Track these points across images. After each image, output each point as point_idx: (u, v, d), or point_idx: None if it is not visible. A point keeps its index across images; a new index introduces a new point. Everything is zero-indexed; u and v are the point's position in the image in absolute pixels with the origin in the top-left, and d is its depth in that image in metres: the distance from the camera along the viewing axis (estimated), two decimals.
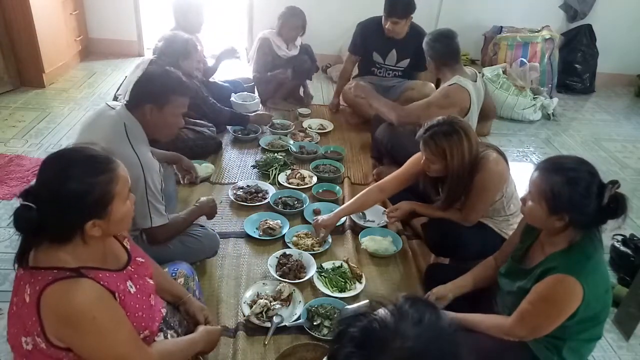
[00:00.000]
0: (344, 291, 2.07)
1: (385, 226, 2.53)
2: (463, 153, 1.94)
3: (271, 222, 2.43)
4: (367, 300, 1.98)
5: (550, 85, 4.65)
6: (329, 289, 2.07)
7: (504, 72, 4.36)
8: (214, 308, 1.94)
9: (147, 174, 1.76)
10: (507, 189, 2.04)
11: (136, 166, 1.72)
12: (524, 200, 1.51)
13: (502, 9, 4.91)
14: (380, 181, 2.36)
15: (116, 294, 1.21)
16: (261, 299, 1.96)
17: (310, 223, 2.49)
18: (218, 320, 1.89)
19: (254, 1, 4.79)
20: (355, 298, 2.05)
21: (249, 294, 2.01)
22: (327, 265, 2.20)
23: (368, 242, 2.37)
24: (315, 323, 1.87)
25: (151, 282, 1.38)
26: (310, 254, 2.24)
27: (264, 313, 1.91)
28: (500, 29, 4.76)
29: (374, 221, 2.57)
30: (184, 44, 2.77)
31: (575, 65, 4.98)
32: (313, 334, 1.83)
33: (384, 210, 2.46)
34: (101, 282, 1.18)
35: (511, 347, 1.50)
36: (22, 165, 2.85)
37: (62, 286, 1.13)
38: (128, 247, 1.39)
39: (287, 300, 1.98)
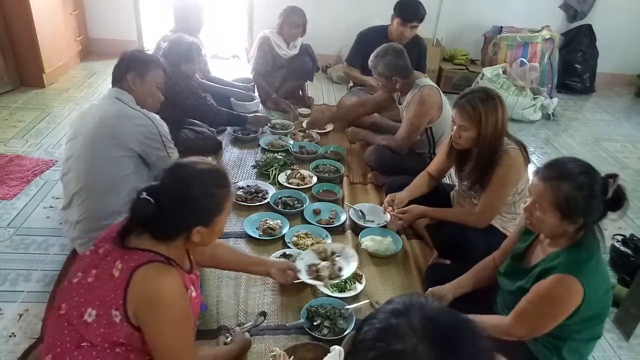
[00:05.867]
0: (344, 291, 2.06)
1: (385, 226, 2.53)
2: (497, 120, 1.93)
3: (271, 222, 2.42)
4: (367, 300, 2.00)
5: (550, 85, 4.66)
6: (329, 289, 2.07)
7: (504, 72, 4.36)
8: (213, 308, 1.94)
9: (159, 127, 2.04)
10: (522, 186, 2.03)
11: (145, 120, 1.99)
12: (528, 210, 1.46)
13: (502, 9, 4.91)
14: (429, 166, 2.41)
15: (188, 291, 1.33)
16: (319, 265, 1.97)
17: (310, 223, 2.49)
18: (218, 321, 1.89)
19: (254, 1, 4.80)
20: (355, 298, 2.05)
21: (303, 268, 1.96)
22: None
23: (368, 242, 2.37)
24: (315, 323, 1.86)
25: (200, 296, 1.51)
26: None
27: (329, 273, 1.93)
28: (500, 29, 4.77)
29: (373, 221, 2.57)
30: (187, 47, 2.78)
31: (575, 65, 4.98)
32: (313, 334, 1.83)
33: (386, 208, 2.41)
34: (182, 276, 1.31)
35: (510, 347, 1.50)
36: (22, 165, 2.85)
37: (156, 268, 1.24)
38: (192, 258, 1.51)
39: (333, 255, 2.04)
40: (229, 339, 1.67)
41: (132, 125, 1.97)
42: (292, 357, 1.66)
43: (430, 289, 1.80)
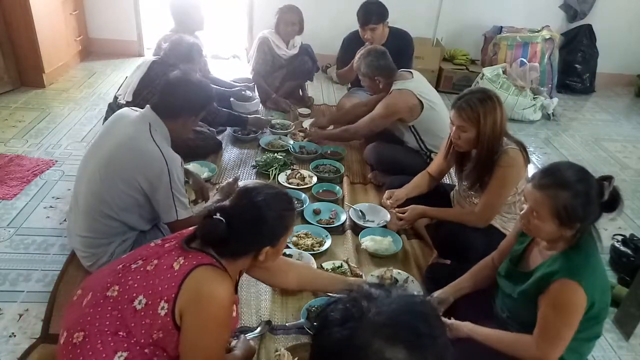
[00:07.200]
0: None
1: (385, 226, 2.53)
2: (495, 120, 1.94)
3: None
4: None
5: (550, 85, 4.65)
6: None
7: (504, 72, 4.36)
8: None
9: (171, 168, 1.84)
10: (522, 186, 2.03)
11: (159, 160, 1.82)
12: (525, 217, 1.46)
13: (502, 9, 4.91)
14: (429, 166, 2.43)
15: (234, 307, 1.37)
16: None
17: (310, 223, 2.49)
18: None
19: (254, 1, 4.80)
20: None
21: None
22: (327, 265, 2.20)
23: (368, 242, 2.37)
24: (315, 323, 1.86)
25: (238, 317, 1.51)
26: (310, 254, 2.24)
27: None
28: (500, 29, 4.77)
29: (373, 221, 2.57)
30: (188, 48, 2.76)
31: (575, 65, 4.98)
32: (313, 334, 1.82)
33: (384, 204, 2.44)
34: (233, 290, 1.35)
35: None
36: (22, 165, 2.85)
37: (214, 272, 1.29)
38: (238, 281, 1.54)
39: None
40: (232, 344, 1.67)
41: (144, 162, 1.83)
42: (296, 358, 1.66)
43: (432, 294, 1.79)
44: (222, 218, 1.30)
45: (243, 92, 3.73)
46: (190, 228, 1.44)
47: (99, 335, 1.25)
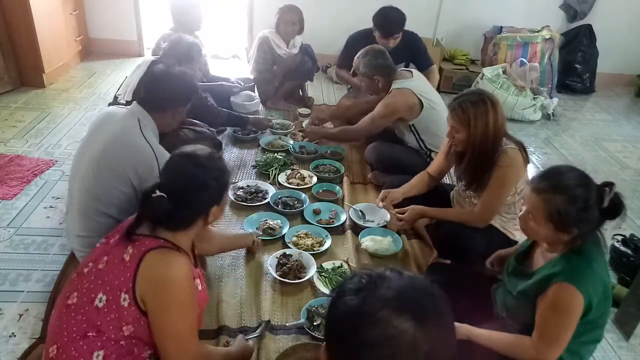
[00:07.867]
0: None
1: (385, 226, 2.53)
2: (487, 123, 1.94)
3: (271, 222, 2.43)
4: None
5: (550, 85, 4.65)
6: (329, 289, 2.07)
7: (504, 72, 4.36)
8: (214, 308, 1.95)
9: (161, 164, 1.85)
10: (521, 186, 2.03)
11: (150, 156, 1.84)
12: (523, 219, 1.47)
13: (502, 9, 4.91)
14: (429, 166, 2.44)
15: (196, 281, 1.38)
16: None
17: (310, 223, 2.49)
18: (218, 321, 1.89)
19: (254, 1, 4.80)
20: None
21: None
22: (327, 265, 2.20)
23: (368, 242, 2.37)
24: (315, 323, 1.86)
25: (206, 291, 1.53)
26: (310, 254, 2.24)
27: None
28: (500, 29, 4.77)
29: (373, 221, 2.57)
30: (188, 47, 2.75)
31: (575, 65, 4.98)
32: (313, 334, 1.83)
33: (377, 203, 2.43)
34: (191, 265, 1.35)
35: None
36: (22, 165, 2.85)
37: (166, 253, 1.28)
38: (195, 253, 1.55)
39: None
40: (230, 343, 1.67)
41: (136, 157, 1.86)
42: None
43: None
44: (162, 194, 1.29)
45: (224, 83, 3.71)
46: (131, 217, 1.43)
47: (70, 343, 1.25)
